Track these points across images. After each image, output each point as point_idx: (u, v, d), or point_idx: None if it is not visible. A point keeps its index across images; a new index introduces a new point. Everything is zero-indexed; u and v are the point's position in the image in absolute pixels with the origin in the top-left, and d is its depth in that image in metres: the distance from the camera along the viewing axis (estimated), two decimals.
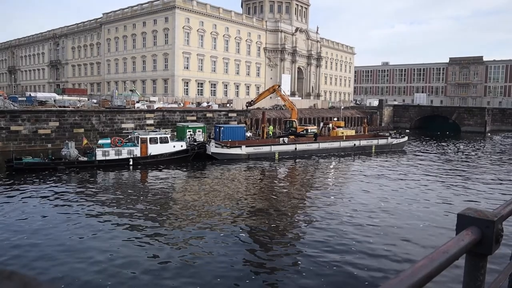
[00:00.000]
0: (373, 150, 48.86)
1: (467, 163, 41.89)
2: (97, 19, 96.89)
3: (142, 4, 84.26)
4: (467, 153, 50.06)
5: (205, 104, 62.79)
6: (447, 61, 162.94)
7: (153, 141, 36.87)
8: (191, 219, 20.39)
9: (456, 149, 54.22)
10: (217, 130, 45.27)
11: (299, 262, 14.99)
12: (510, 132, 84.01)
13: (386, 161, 42.54)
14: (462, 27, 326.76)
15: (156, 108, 52.17)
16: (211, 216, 20.89)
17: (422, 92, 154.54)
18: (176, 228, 18.88)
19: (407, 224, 19.62)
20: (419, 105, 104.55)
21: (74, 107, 46.50)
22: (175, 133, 44.26)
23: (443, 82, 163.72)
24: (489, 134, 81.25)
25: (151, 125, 48.30)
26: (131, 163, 35.02)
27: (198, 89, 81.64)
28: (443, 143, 61.19)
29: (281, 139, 46.72)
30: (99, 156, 34.10)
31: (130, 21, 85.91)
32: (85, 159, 34.26)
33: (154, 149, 36.55)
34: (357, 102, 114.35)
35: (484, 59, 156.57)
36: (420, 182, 30.77)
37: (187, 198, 24.91)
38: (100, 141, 36.81)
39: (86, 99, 61.38)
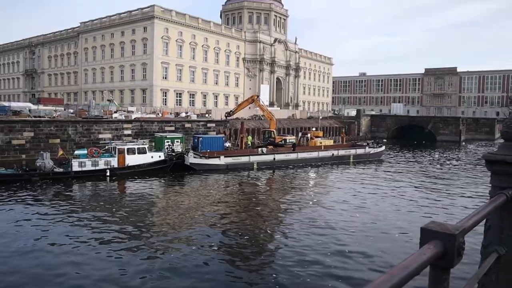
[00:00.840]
0: (351, 160, 49.43)
1: (441, 173, 42.75)
2: (74, 28, 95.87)
3: (120, 14, 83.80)
4: (441, 162, 51.10)
5: (183, 114, 62.56)
6: (423, 71, 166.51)
7: (131, 151, 36.57)
8: (169, 230, 20.29)
9: (431, 158, 55.29)
10: (196, 140, 45.17)
11: (277, 273, 15.07)
12: (483, 141, 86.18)
13: (364, 170, 43.10)
14: (437, 39, 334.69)
15: (134, 118, 51.76)
16: (189, 227, 20.83)
17: (399, 102, 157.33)
18: (153, 240, 18.75)
19: (384, 234, 19.92)
20: (396, 115, 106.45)
21: (49, 117, 45.74)
22: (153, 144, 43.97)
23: (419, 92, 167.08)
24: (463, 143, 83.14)
25: (129, 135, 47.86)
26: (108, 174, 34.61)
27: (177, 99, 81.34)
28: (419, 152, 62.33)
29: (259, 149, 46.88)
30: (75, 167, 33.63)
31: (108, 30, 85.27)
32: (61, 170, 33.70)
33: (132, 160, 36.24)
34: (335, 112, 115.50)
35: (458, 70, 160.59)
36: (397, 192, 31.25)
37: (164, 210, 24.78)
38: (76, 152, 36.28)
39: (63, 109, 60.50)
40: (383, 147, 55.36)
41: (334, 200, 28.14)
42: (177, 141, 42.98)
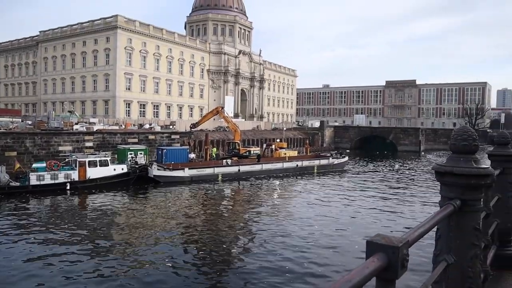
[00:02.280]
0: (315, 171, 50.01)
1: (401, 183, 43.85)
2: (33, 37, 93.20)
3: (82, 23, 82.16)
4: (401, 172, 52.45)
5: (147, 126, 61.65)
6: (384, 84, 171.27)
7: (92, 164, 35.72)
8: (132, 246, 19.85)
9: (392, 168, 56.68)
10: (160, 152, 44.63)
11: (240, 282, 15.01)
12: (441, 151, 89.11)
13: (328, 181, 43.68)
14: (398, 52, 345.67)
15: (96, 130, 50.58)
16: (153, 241, 20.45)
17: (361, 113, 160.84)
18: (116, 256, 18.30)
19: (342, 244, 20.17)
20: (358, 126, 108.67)
21: (6, 129, 44.08)
22: (116, 156, 43.07)
23: (381, 104, 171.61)
24: (423, 153, 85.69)
25: (90, 147, 46.69)
26: (68, 187, 33.63)
27: (141, 111, 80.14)
28: (381, 163, 63.79)
29: (224, 160, 46.77)
30: (33, 180, 32.48)
31: (70, 40, 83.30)
32: (18, 184, 32.49)
33: (93, 173, 35.37)
34: (300, 124, 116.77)
35: (417, 82, 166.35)
36: (358, 202, 31.79)
37: (127, 224, 24.25)
38: (34, 165, 35.03)
39: (20, 120, 58.47)
40: (346, 158, 56.35)
41: (297, 211, 28.38)
42: (141, 153, 42.32)
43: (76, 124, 53.30)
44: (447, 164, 2.71)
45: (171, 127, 65.01)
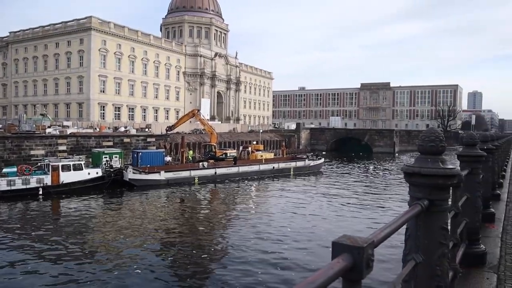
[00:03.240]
0: (292, 172, 50.25)
1: (374, 183, 44.48)
2: (3, 37, 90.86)
3: (54, 24, 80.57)
4: (376, 173, 53.23)
5: (122, 129, 60.86)
6: (359, 86, 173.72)
7: (66, 168, 35.02)
8: (107, 252, 19.54)
9: (366, 169, 57.48)
10: (135, 155, 44.13)
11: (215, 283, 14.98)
12: (415, 152, 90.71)
13: (304, 182, 43.96)
14: (372, 55, 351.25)
15: (70, 133, 49.68)
16: (129, 246, 20.17)
17: (337, 115, 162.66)
18: (91, 261, 17.98)
19: (316, 246, 20.32)
20: (334, 128, 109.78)
21: None
22: (90, 160, 42.32)
23: (356, 106, 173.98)
24: (397, 154, 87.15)
25: (63, 151, 45.77)
26: (41, 192, 32.84)
27: (115, 114, 79.06)
28: (356, 164, 64.59)
29: (200, 163, 46.56)
30: (3, 186, 31.58)
31: (42, 41, 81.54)
32: None
33: (67, 177, 34.67)
34: (276, 126, 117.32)
35: (391, 85, 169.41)
36: (334, 203, 32.09)
37: (103, 229, 23.87)
38: (4, 170, 34.06)
39: None
40: (322, 160, 56.85)
41: (272, 213, 28.50)
42: (116, 157, 41.70)
43: (49, 127, 52.26)
44: (415, 165, 2.78)
45: (146, 130, 64.37)
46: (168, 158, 49.54)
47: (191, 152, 54.39)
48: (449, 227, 4.14)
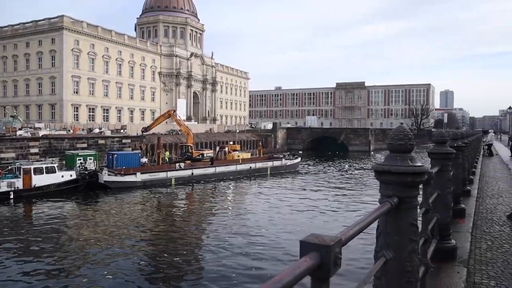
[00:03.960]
0: (269, 172, 50.37)
1: (349, 182, 44.96)
2: None
3: (25, 24, 78.65)
4: (351, 171, 53.82)
5: (97, 130, 59.86)
6: (334, 86, 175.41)
7: (38, 171, 34.22)
8: (82, 255, 19.19)
9: (342, 168, 58.09)
10: (110, 157, 43.52)
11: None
12: None
13: (281, 182, 44.13)
14: (347, 55, 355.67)
15: (42, 136, 48.56)
16: (105, 250, 19.84)
17: (313, 115, 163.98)
18: (65, 266, 17.62)
19: (289, 245, 20.39)
20: (310, 128, 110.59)
21: None
22: (64, 162, 41.46)
23: (332, 105, 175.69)
24: (372, 152, 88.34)
25: (36, 154, 44.69)
26: (12, 196, 32.00)
27: (90, 115, 77.65)
28: (332, 163, 65.20)
29: (177, 164, 46.21)
30: None
31: (11, 40, 79.38)
32: None
33: (39, 180, 33.88)
34: (253, 126, 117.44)
35: (366, 84, 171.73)
36: (309, 202, 32.23)
37: (77, 233, 23.41)
38: None
39: None
40: (299, 159, 57.20)
41: (249, 213, 28.56)
42: (90, 159, 40.99)
43: (20, 129, 50.96)
44: (385, 163, 2.82)
45: (122, 131, 63.52)
46: (144, 160, 49.04)
47: (167, 153, 53.96)
48: (421, 224, 4.23)
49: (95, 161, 41.30)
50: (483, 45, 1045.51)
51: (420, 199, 3.27)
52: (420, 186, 4.22)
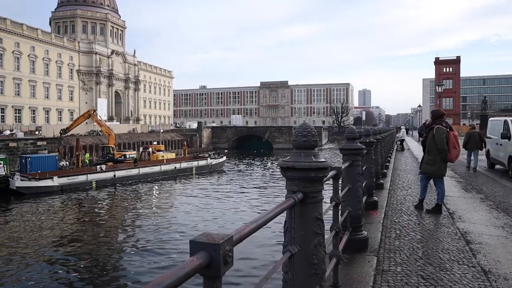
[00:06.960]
0: (194, 172, 49.93)
1: (270, 179, 45.66)
2: None
3: None
4: (272, 169, 54.80)
5: (7, 132, 55.73)
6: (259, 85, 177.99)
7: None
8: None
9: (265, 166, 59.08)
10: (23, 161, 40.74)
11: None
12: None
13: (206, 181, 43.93)
14: (270, 55, 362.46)
15: None
16: (19, 264, 18.49)
17: (238, 113, 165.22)
18: None
19: None
20: (235, 126, 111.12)
21: None
22: None
23: (256, 104, 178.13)
24: None
25: None
26: None
27: None
28: (256, 161, 66.09)
29: (98, 166, 44.34)
30: None
31: None
32: None
33: None
34: (177, 125, 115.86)
35: (289, 83, 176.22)
36: (234, 200, 32.37)
37: None
38: None
39: None
40: (224, 158, 57.32)
41: (171, 213, 28.27)
42: (0, 163, 38.08)
43: None
44: (289, 160, 2.89)
45: (36, 133, 59.75)
46: (63, 163, 46.51)
47: (87, 155, 51.56)
48: (332, 218, 4.39)
49: (5, 166, 38.40)
50: (395, 48, 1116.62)
51: (326, 194, 3.39)
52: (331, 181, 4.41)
